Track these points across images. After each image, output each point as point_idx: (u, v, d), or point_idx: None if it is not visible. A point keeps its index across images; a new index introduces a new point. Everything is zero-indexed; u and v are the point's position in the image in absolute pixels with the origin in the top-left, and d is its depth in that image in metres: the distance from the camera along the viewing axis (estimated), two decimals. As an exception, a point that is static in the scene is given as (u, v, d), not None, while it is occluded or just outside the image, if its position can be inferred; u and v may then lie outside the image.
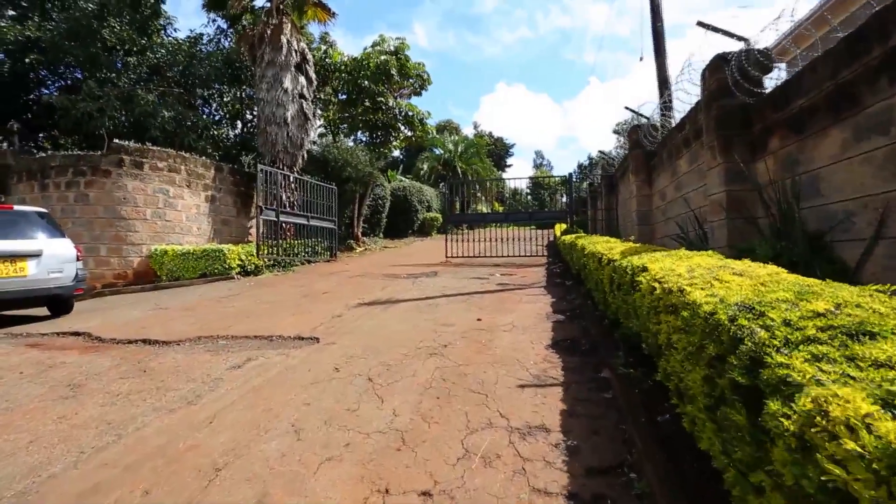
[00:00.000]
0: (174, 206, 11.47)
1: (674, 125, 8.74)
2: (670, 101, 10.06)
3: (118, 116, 12.34)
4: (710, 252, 3.09)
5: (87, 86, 12.19)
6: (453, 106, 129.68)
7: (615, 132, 46.81)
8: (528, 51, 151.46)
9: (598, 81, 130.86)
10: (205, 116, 17.57)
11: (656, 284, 2.43)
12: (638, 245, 4.60)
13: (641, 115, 9.28)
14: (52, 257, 6.62)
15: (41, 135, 17.91)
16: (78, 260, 7.06)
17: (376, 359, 4.23)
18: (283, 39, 13.79)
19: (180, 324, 6.23)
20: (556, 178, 15.75)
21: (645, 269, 2.87)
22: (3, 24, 14.34)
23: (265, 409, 3.21)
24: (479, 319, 5.64)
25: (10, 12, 16.05)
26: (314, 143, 19.39)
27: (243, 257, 10.98)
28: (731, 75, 4.36)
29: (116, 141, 10.61)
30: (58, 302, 7.02)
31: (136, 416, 3.17)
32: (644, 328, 2.99)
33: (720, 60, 4.52)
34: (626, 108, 9.22)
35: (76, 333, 5.94)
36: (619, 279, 3.62)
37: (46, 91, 15.73)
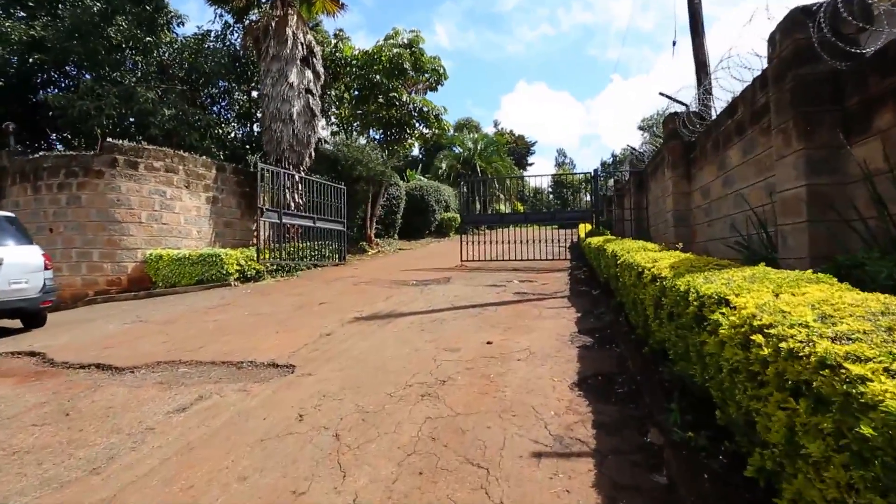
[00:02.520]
0: (171, 209, 10.85)
1: (720, 110, 7.62)
2: (710, 88, 8.91)
3: (117, 115, 11.81)
4: (819, 275, 2.08)
5: (85, 83, 11.71)
6: (474, 106, 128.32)
7: (640, 128, 44.99)
8: (549, 48, 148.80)
9: (621, 79, 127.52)
10: (215, 115, 17.08)
11: (759, 338, 1.46)
12: (691, 256, 3.59)
13: (679, 101, 8.16)
14: (14, 266, 5.97)
15: (53, 136, 17.74)
16: (46, 269, 6.40)
17: (354, 401, 3.34)
18: (289, 31, 13.08)
19: (149, 343, 5.48)
20: (580, 176, 14.66)
21: (725, 303, 1.89)
22: (9, 24, 14.03)
23: (184, 487, 2.35)
24: (489, 343, 4.70)
25: (20, 13, 15.82)
26: (326, 141, 18.73)
27: (242, 262, 10.27)
28: (817, 34, 3.31)
29: (110, 140, 10.03)
30: (23, 315, 6.38)
31: (8, 497, 2.34)
32: (720, 387, 2.01)
33: (801, 15, 3.46)
34: (661, 94, 8.16)
35: (32, 354, 5.25)
36: (674, 307, 2.63)
37: (55, 91, 15.43)
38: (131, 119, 13.11)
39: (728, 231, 6.04)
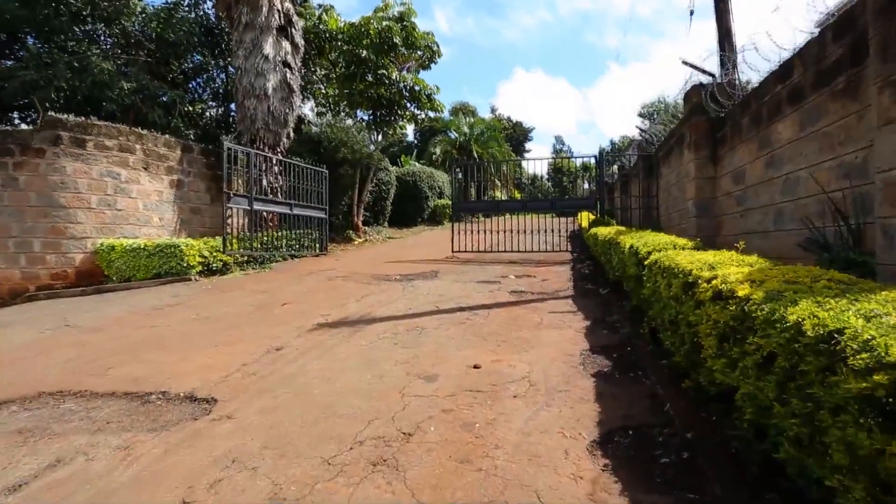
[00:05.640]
0: (128, 193, 9.66)
1: (750, 84, 6.50)
2: (734, 61, 7.75)
3: (68, 87, 10.50)
4: None
5: (28, 51, 10.37)
6: (470, 93, 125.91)
7: (641, 115, 43.63)
8: (546, 35, 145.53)
9: (619, 67, 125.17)
10: (189, 93, 15.75)
11: None
12: (766, 263, 2.50)
13: (705, 71, 6.97)
14: None
15: (15, 114, 16.37)
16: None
17: (273, 474, 2.26)
18: (263, -4, 11.77)
19: (52, 360, 4.38)
20: (582, 160, 13.55)
21: None
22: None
23: None
24: (476, 367, 3.63)
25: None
26: (311, 122, 17.45)
27: (206, 254, 9.14)
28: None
29: (52, 114, 8.80)
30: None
31: None
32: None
33: None
34: (685, 62, 6.98)
35: None
36: (786, 356, 1.55)
37: (8, 63, 14.06)
38: (84, 92, 11.75)
39: (772, 224, 4.96)
